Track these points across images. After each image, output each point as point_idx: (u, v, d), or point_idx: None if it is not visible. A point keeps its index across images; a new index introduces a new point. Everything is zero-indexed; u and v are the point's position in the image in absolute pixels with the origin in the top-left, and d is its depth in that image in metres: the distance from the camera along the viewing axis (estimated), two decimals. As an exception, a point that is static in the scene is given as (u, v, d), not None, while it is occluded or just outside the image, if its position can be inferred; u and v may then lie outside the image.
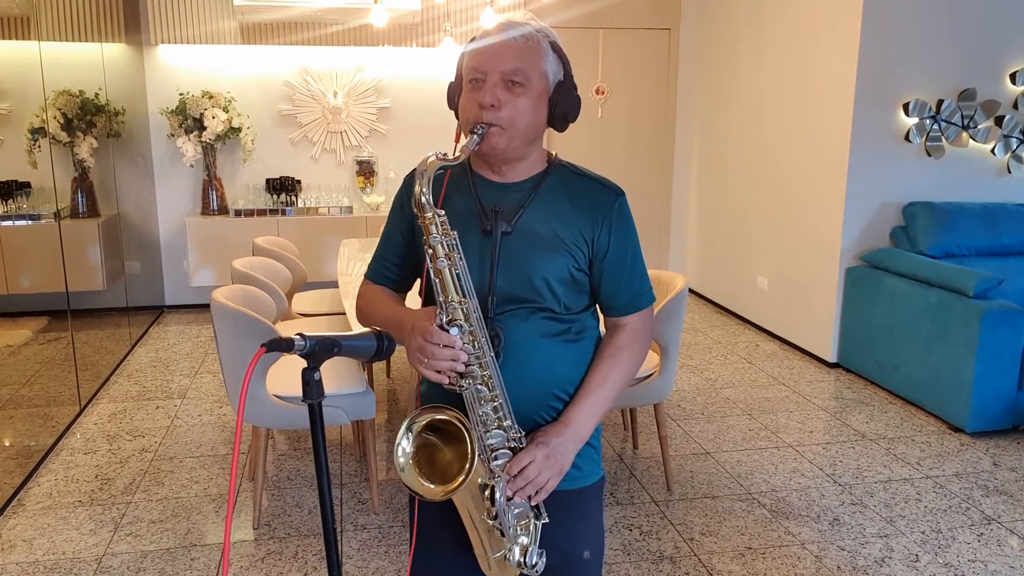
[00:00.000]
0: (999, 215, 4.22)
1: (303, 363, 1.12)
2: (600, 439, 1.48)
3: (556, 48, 1.33)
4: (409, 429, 1.25)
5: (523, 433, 1.30)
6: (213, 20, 5.25)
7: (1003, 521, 2.87)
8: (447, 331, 1.22)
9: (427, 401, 1.39)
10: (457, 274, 1.24)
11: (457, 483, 1.19)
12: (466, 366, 1.23)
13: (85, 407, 3.86)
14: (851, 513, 2.92)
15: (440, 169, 1.26)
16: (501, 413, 1.27)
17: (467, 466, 1.20)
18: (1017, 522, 2.86)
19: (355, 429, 3.47)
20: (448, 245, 1.24)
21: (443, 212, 1.25)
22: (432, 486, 1.23)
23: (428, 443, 1.26)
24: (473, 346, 1.24)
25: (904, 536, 2.76)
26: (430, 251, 1.24)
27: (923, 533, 2.78)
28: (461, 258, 1.24)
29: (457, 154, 1.25)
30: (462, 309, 1.23)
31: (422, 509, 1.42)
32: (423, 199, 1.23)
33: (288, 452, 3.43)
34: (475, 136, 1.27)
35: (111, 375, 4.34)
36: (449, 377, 1.24)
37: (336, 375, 2.83)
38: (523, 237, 1.33)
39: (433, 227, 1.23)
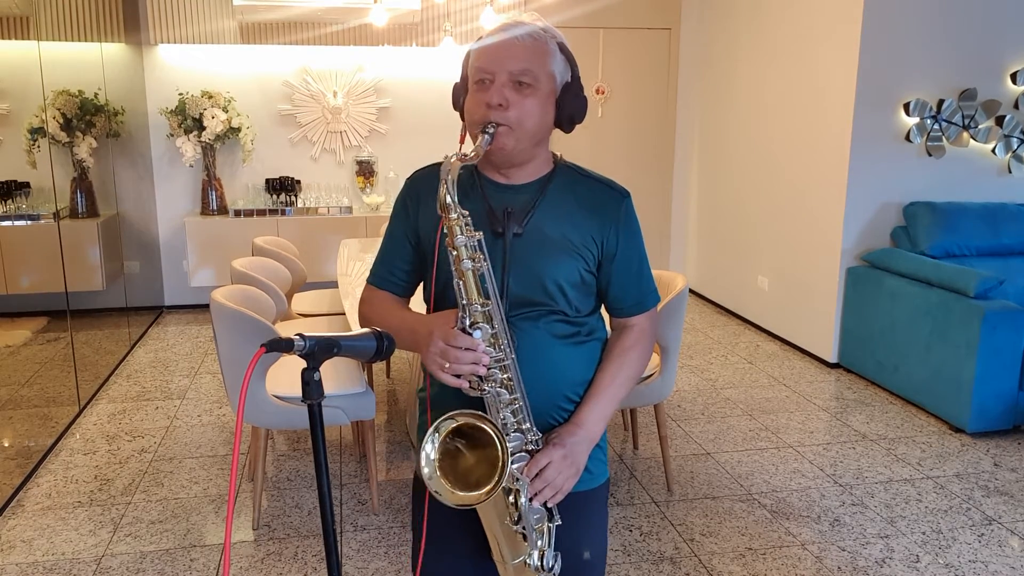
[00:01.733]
0: (1000, 215, 4.22)
1: (303, 363, 1.12)
2: (606, 441, 1.48)
3: (564, 49, 1.32)
4: (437, 431, 1.22)
5: (540, 435, 1.29)
6: (212, 20, 5.25)
7: (1004, 522, 2.86)
8: (469, 334, 1.21)
9: (439, 404, 1.36)
10: (481, 276, 1.22)
11: (491, 486, 1.17)
12: (487, 369, 1.22)
13: (84, 407, 3.85)
14: (852, 514, 2.92)
15: (463, 168, 1.25)
16: (521, 416, 1.26)
17: (497, 471, 1.17)
18: (1018, 523, 2.86)
19: (355, 429, 3.47)
20: (472, 247, 1.22)
21: (468, 213, 1.23)
22: (462, 493, 1.20)
23: (450, 448, 1.24)
24: (496, 348, 1.23)
25: (905, 537, 2.76)
26: (454, 252, 1.22)
27: (924, 534, 2.78)
28: (486, 259, 1.23)
29: (473, 154, 1.23)
30: (484, 311, 1.22)
31: (429, 510, 1.41)
32: (448, 200, 1.21)
33: (288, 452, 3.42)
34: (486, 136, 1.25)
35: (110, 375, 4.33)
36: (469, 381, 1.22)
37: (336, 375, 2.82)
38: (534, 239, 1.32)
39: (458, 228, 1.21)
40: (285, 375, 2.85)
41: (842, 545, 2.71)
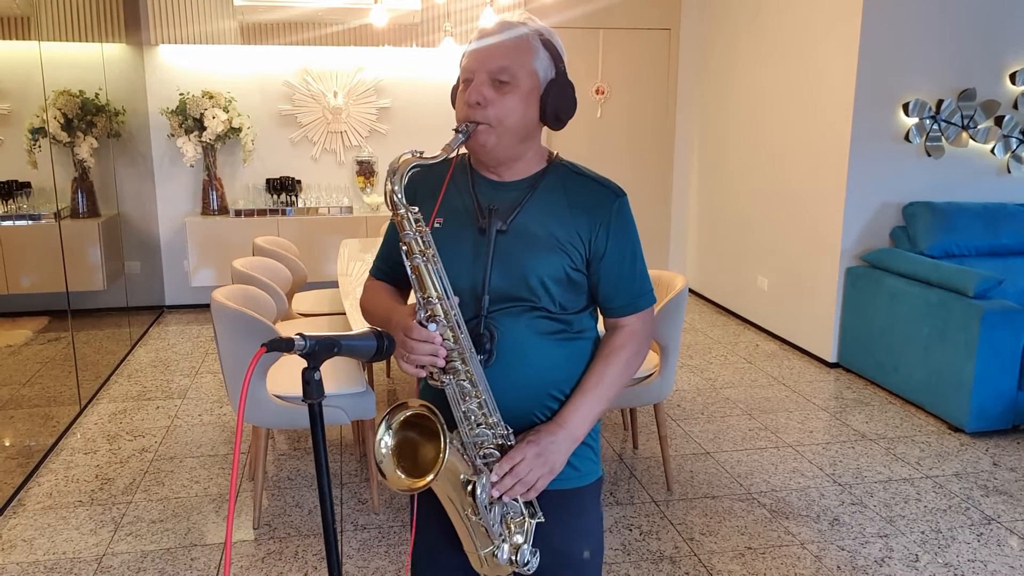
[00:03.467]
0: (999, 215, 4.22)
1: (303, 363, 1.13)
2: (599, 439, 1.48)
3: (549, 46, 1.33)
4: (389, 426, 1.25)
5: (510, 430, 1.30)
6: (213, 20, 5.25)
7: (1003, 521, 2.87)
8: (426, 327, 1.23)
9: (424, 397, 1.40)
10: (434, 270, 1.25)
11: (426, 480, 1.19)
12: (447, 362, 1.24)
13: (85, 407, 3.86)
14: (851, 513, 2.92)
15: (416, 167, 1.26)
16: (485, 410, 1.27)
17: (439, 461, 1.20)
18: (1017, 522, 2.86)
19: (355, 429, 3.47)
20: (423, 242, 1.25)
21: (416, 208, 1.26)
22: (403, 478, 1.23)
23: (411, 439, 1.27)
24: (452, 342, 1.25)
25: (904, 536, 2.76)
26: (405, 247, 1.25)
27: (923, 533, 2.79)
28: (435, 254, 1.25)
29: (437, 153, 1.26)
30: (440, 305, 1.24)
31: (422, 507, 1.42)
32: (395, 197, 1.24)
33: (288, 452, 3.43)
34: (459, 135, 1.28)
35: (111, 375, 4.34)
36: (431, 372, 1.25)
37: (336, 375, 2.83)
38: (518, 236, 1.33)
39: (406, 223, 1.24)
40: (286, 375, 2.85)
41: (841, 544, 2.71)
